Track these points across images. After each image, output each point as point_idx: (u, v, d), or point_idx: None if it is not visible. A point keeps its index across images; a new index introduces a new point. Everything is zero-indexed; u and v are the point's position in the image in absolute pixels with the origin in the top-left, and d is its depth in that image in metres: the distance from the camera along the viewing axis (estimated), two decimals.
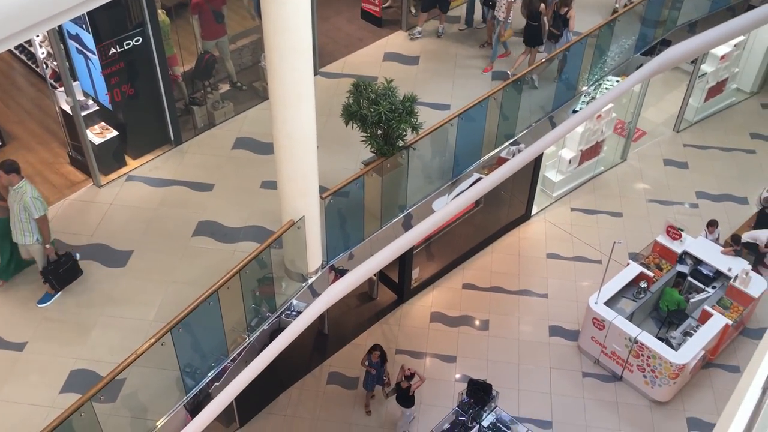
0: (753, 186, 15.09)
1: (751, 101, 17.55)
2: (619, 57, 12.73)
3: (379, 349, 10.96)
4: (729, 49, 15.99)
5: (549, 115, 11.94)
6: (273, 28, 7.41)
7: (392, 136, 9.28)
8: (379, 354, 10.95)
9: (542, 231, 14.53)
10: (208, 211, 10.15)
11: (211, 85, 11.62)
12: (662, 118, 16.91)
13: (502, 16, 12.24)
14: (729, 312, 11.98)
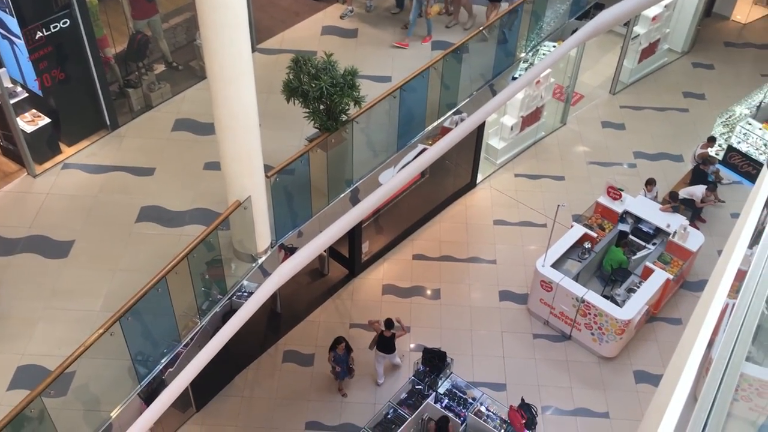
0: (687, 143, 15.55)
1: (683, 61, 18.01)
2: (554, 23, 12.88)
3: (343, 341, 10.90)
4: (660, 10, 16.32)
5: (489, 83, 12.03)
6: (207, 5, 7.24)
7: (335, 111, 9.22)
8: (344, 346, 10.94)
9: (488, 198, 14.71)
10: (150, 196, 9.94)
11: (145, 66, 11.30)
12: (599, 81, 17.21)
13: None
14: (669, 267, 12.40)
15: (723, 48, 18.26)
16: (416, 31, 12.49)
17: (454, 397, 10.73)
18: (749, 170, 14.17)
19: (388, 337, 11.17)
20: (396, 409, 10.63)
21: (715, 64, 17.79)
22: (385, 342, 11.24)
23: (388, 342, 11.24)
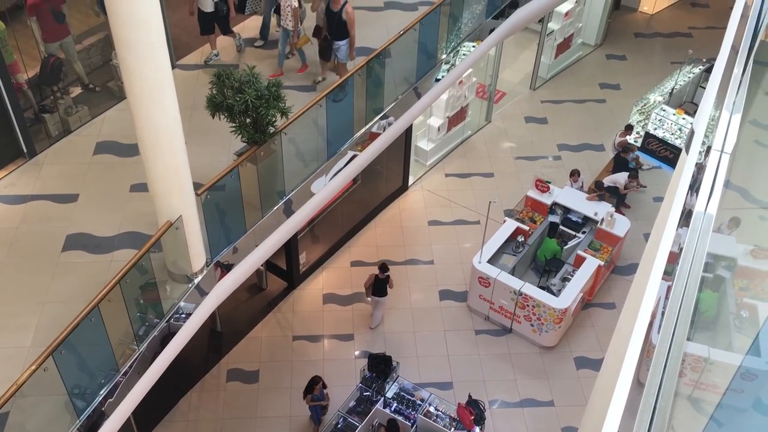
0: (607, 133, 16.08)
1: (597, 53, 18.62)
2: (472, 23, 13.10)
3: (320, 380, 10.66)
4: (571, 5, 16.84)
5: (413, 86, 12.14)
6: (121, 23, 7.06)
7: (262, 123, 9.12)
8: (321, 385, 10.66)
9: (421, 200, 14.84)
10: (75, 223, 9.60)
11: (60, 89, 10.92)
12: (519, 78, 17.62)
13: (290, 25, 11.77)
14: (600, 253, 12.78)
15: (633, 39, 18.98)
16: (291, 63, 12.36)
17: (403, 400, 10.76)
18: (667, 155, 14.76)
19: (383, 279, 11.94)
20: (346, 418, 10.58)
21: (627, 54, 18.47)
22: (379, 284, 12.01)
23: (382, 284, 12.02)
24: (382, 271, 11.93)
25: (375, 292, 12.14)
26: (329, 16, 11.25)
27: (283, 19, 11.78)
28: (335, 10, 11.15)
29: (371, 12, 13.22)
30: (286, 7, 11.66)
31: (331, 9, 11.19)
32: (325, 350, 12.25)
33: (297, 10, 11.70)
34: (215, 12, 11.81)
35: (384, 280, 11.98)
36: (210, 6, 11.71)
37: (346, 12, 11.11)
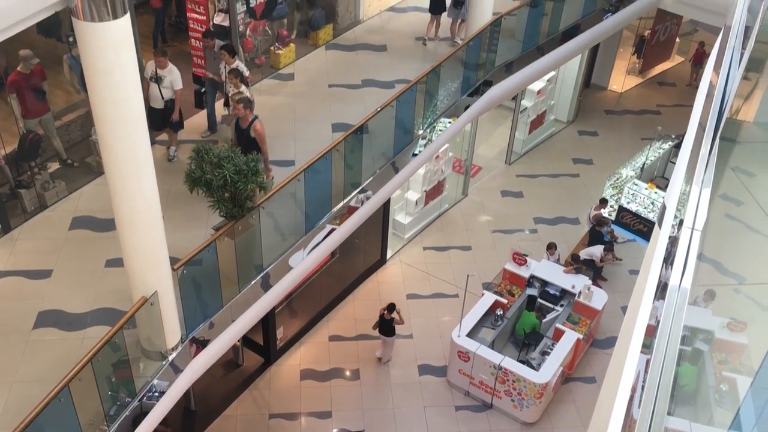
0: (581, 206, 16.34)
1: (569, 129, 19.11)
2: (448, 100, 13.44)
3: None
4: (543, 84, 17.37)
5: (391, 161, 12.31)
6: (101, 101, 7.13)
7: (240, 198, 9.15)
8: None
9: (399, 273, 14.82)
10: (48, 300, 9.43)
11: (38, 165, 10.91)
12: (494, 153, 17.97)
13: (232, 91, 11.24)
14: (578, 327, 12.76)
15: (604, 116, 19.54)
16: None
17: None
18: (641, 228, 14.99)
19: (388, 320, 12.39)
20: None
21: (599, 131, 18.98)
22: (384, 324, 12.47)
23: (388, 324, 12.45)
24: (389, 311, 12.41)
25: (382, 331, 12.62)
26: (238, 133, 10.38)
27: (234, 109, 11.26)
28: (244, 127, 10.31)
29: (349, 89, 13.53)
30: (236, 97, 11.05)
31: (240, 126, 10.36)
32: (302, 428, 11.94)
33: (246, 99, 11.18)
34: (165, 109, 11.20)
35: (389, 321, 12.45)
36: (159, 102, 11.11)
37: (255, 129, 10.24)
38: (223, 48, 11.43)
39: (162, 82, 10.96)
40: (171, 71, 11.00)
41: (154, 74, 10.93)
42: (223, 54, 11.37)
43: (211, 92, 12.09)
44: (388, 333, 12.60)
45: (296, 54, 14.20)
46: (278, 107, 13.08)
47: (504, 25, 13.99)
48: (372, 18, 15.55)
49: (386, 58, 14.44)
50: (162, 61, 10.88)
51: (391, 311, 12.42)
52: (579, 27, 15.64)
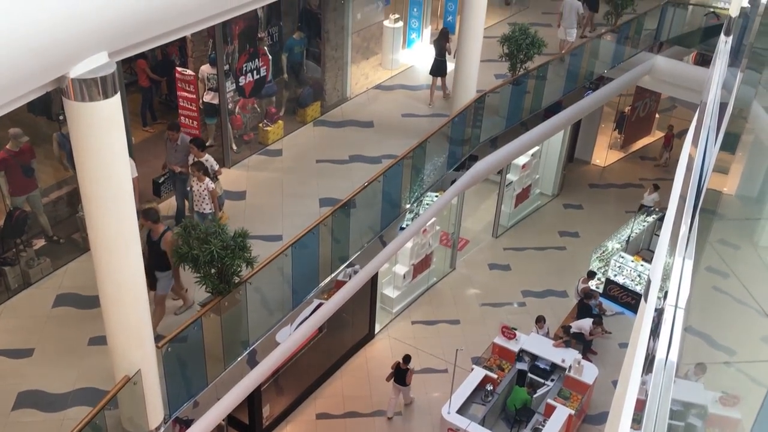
0: (569, 279, 16.35)
1: (555, 203, 19.32)
2: (434, 174, 13.61)
3: None
4: (528, 158, 17.67)
5: (379, 234, 12.36)
6: (89, 178, 7.17)
7: (227, 274, 9.10)
8: None
9: (388, 348, 14.64)
10: (28, 380, 9.20)
11: (23, 242, 10.85)
12: (481, 226, 18.08)
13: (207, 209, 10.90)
14: (570, 402, 12.56)
15: (588, 189, 19.80)
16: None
17: None
18: (629, 301, 14.98)
19: (404, 369, 12.71)
20: None
21: (584, 204, 19.19)
22: (400, 374, 12.76)
23: (403, 374, 12.77)
24: (405, 362, 12.79)
25: (397, 380, 12.89)
26: (150, 245, 9.72)
27: (197, 203, 10.97)
28: (155, 238, 9.73)
29: (336, 164, 13.69)
30: (201, 191, 10.85)
31: (151, 237, 9.75)
32: None
33: (215, 192, 10.93)
34: None
35: (404, 371, 12.78)
36: None
37: (166, 240, 9.62)
38: (192, 142, 11.26)
39: None
40: None
41: None
42: (192, 148, 11.18)
43: (180, 185, 11.72)
44: (402, 383, 12.93)
45: (284, 130, 14.43)
46: (266, 182, 13.19)
47: (488, 102, 14.34)
48: (359, 95, 15.90)
49: (373, 134, 14.69)
50: None
51: (407, 362, 12.75)
52: (561, 104, 16.05)
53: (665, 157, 20.66)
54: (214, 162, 11.38)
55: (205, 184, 10.81)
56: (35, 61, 6.23)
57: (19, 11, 5.95)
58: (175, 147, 11.55)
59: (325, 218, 10.96)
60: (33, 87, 6.48)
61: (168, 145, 11.68)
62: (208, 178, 10.88)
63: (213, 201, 10.95)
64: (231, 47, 12.89)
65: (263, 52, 13.29)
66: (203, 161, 11.09)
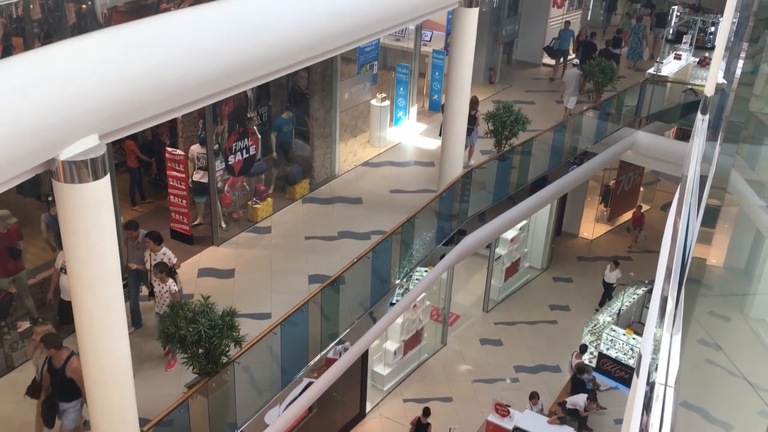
0: (562, 353, 16.19)
1: (544, 276, 19.33)
2: (423, 249, 13.64)
3: None
4: (516, 232, 17.78)
5: (369, 311, 12.27)
6: (77, 259, 7.15)
7: (215, 354, 8.97)
8: None
9: (379, 427, 14.31)
10: None
11: (7, 324, 10.69)
12: (471, 301, 18.00)
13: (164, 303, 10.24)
14: None
15: (577, 262, 19.87)
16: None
17: None
18: (623, 375, 14.82)
19: (424, 424, 12.86)
20: None
21: (573, 277, 19.21)
22: (421, 428, 12.88)
23: (424, 429, 12.88)
24: (425, 415, 12.99)
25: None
26: (51, 374, 8.75)
27: (158, 305, 10.44)
28: (57, 366, 8.74)
29: (325, 241, 13.71)
30: (162, 293, 10.33)
31: (53, 365, 8.75)
32: None
33: (177, 295, 10.31)
34: None
35: (426, 425, 12.94)
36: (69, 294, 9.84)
37: (71, 368, 8.65)
38: (147, 236, 10.61)
39: None
40: None
41: (64, 264, 9.54)
42: (148, 242, 10.55)
43: (134, 284, 11.14)
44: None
45: (273, 208, 14.51)
46: (255, 260, 13.16)
47: (475, 177, 14.54)
48: (347, 172, 16.09)
49: (362, 210, 14.79)
50: None
51: (427, 415, 12.97)
52: (547, 178, 16.29)
53: (641, 238, 20.51)
54: (172, 255, 10.75)
55: (168, 286, 10.18)
56: (26, 144, 6.30)
57: (10, 95, 6.06)
58: (136, 245, 10.98)
59: (314, 295, 10.90)
60: (22, 170, 6.53)
61: (129, 244, 11.07)
62: (171, 280, 10.29)
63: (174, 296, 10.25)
64: (221, 127, 13.10)
65: (253, 131, 13.51)
66: (161, 255, 10.61)
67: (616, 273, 17.63)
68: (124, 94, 7.02)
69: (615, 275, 17.63)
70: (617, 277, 17.61)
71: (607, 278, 17.72)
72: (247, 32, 8.55)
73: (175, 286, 10.35)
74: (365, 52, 16.06)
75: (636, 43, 21.95)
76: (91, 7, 6.83)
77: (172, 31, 7.76)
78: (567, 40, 20.17)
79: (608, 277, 17.71)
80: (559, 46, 20.25)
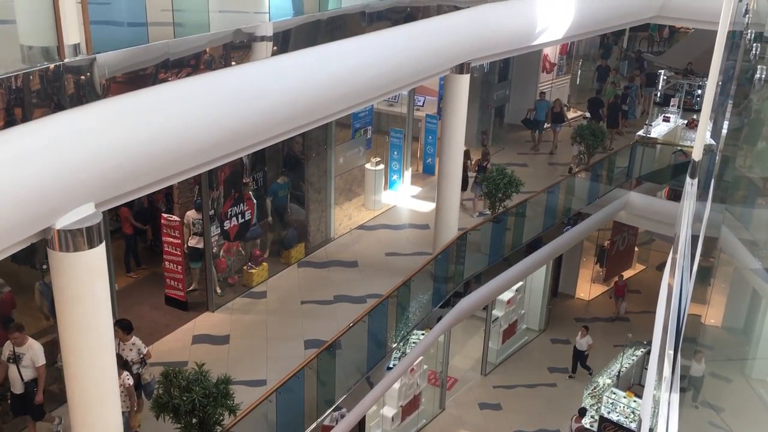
0: (561, 417, 15.91)
1: (542, 338, 19.17)
2: (420, 312, 13.57)
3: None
4: (512, 293, 17.72)
5: (365, 376, 12.11)
6: (70, 327, 7.09)
7: (209, 423, 8.80)
8: None
9: None
10: None
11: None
12: (469, 364, 17.79)
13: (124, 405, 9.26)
14: None
15: (575, 323, 19.72)
16: None
17: None
18: None
19: None
20: None
21: (571, 338, 19.02)
22: None
23: None
24: None
25: None
26: None
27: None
28: None
29: (321, 305, 13.64)
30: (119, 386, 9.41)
31: None
32: None
33: (131, 390, 9.55)
34: (25, 393, 9.55)
35: None
36: (19, 387, 9.49)
37: None
38: (116, 324, 9.75)
39: (21, 362, 9.35)
40: (30, 347, 9.40)
41: (12, 354, 9.37)
42: (117, 331, 9.74)
43: None
44: None
45: (269, 272, 14.48)
46: (250, 326, 13.05)
47: (470, 239, 14.59)
48: (343, 236, 16.13)
49: (357, 273, 14.77)
50: (18, 338, 9.32)
51: None
52: (542, 239, 16.36)
53: (623, 308, 20.18)
54: (142, 345, 10.25)
55: (122, 379, 9.19)
56: (22, 214, 6.33)
57: (8, 165, 6.12)
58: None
59: (310, 361, 10.77)
60: (18, 239, 6.54)
61: None
62: (126, 372, 9.50)
63: (130, 398, 9.53)
64: (217, 192, 13.20)
65: (248, 196, 13.60)
66: (130, 345, 10.10)
67: (587, 339, 17.26)
68: (122, 163, 7.10)
69: (586, 341, 17.27)
70: (588, 343, 17.28)
71: (578, 345, 17.39)
72: (244, 101, 8.72)
73: (129, 380, 9.50)
74: (359, 117, 16.34)
75: (630, 102, 22.43)
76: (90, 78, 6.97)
77: (169, 100, 7.91)
78: (543, 110, 20.47)
79: (579, 343, 17.39)
80: (535, 117, 20.55)
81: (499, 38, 14.03)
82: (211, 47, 8.47)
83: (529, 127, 20.88)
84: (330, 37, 10.24)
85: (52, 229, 6.72)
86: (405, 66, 12.02)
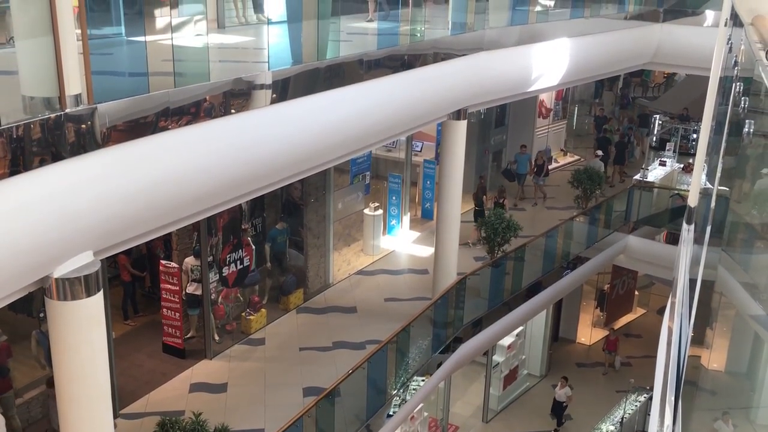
0: None
1: (543, 384, 18.95)
2: (419, 358, 13.44)
3: None
4: (513, 339, 17.59)
5: (365, 424, 11.94)
6: (66, 376, 7.02)
7: None
8: None
9: None
10: None
11: None
12: (470, 411, 17.55)
13: None
14: None
15: (576, 369, 19.54)
16: None
17: None
18: None
19: None
20: None
21: (573, 384, 18.81)
22: None
23: None
24: None
25: None
26: None
27: None
28: None
29: (320, 352, 13.52)
30: None
31: None
32: None
33: None
34: None
35: None
36: None
37: None
38: None
39: None
40: None
41: None
42: None
43: None
44: None
45: (267, 318, 14.39)
46: (248, 373, 12.91)
47: (469, 284, 14.54)
48: (341, 281, 16.09)
49: (356, 319, 14.68)
50: None
51: None
52: (541, 283, 16.31)
53: (617, 362, 19.74)
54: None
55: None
56: (20, 263, 6.32)
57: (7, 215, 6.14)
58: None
59: (308, 409, 10.63)
60: (16, 288, 6.52)
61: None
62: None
63: None
64: (215, 239, 13.21)
65: (247, 242, 13.61)
66: None
67: (566, 390, 17.04)
68: (121, 211, 7.12)
69: (564, 393, 17.03)
70: (567, 395, 17.04)
71: (558, 396, 17.13)
72: (244, 148, 8.79)
73: None
74: (358, 163, 16.45)
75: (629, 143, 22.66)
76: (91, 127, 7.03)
77: (169, 148, 7.96)
78: (524, 163, 20.29)
79: (558, 395, 17.13)
80: (517, 170, 20.36)
81: (495, 85, 14.22)
82: (211, 95, 8.58)
83: (508, 179, 20.57)
84: (328, 85, 10.38)
85: (50, 278, 6.70)
86: (402, 113, 12.16)
